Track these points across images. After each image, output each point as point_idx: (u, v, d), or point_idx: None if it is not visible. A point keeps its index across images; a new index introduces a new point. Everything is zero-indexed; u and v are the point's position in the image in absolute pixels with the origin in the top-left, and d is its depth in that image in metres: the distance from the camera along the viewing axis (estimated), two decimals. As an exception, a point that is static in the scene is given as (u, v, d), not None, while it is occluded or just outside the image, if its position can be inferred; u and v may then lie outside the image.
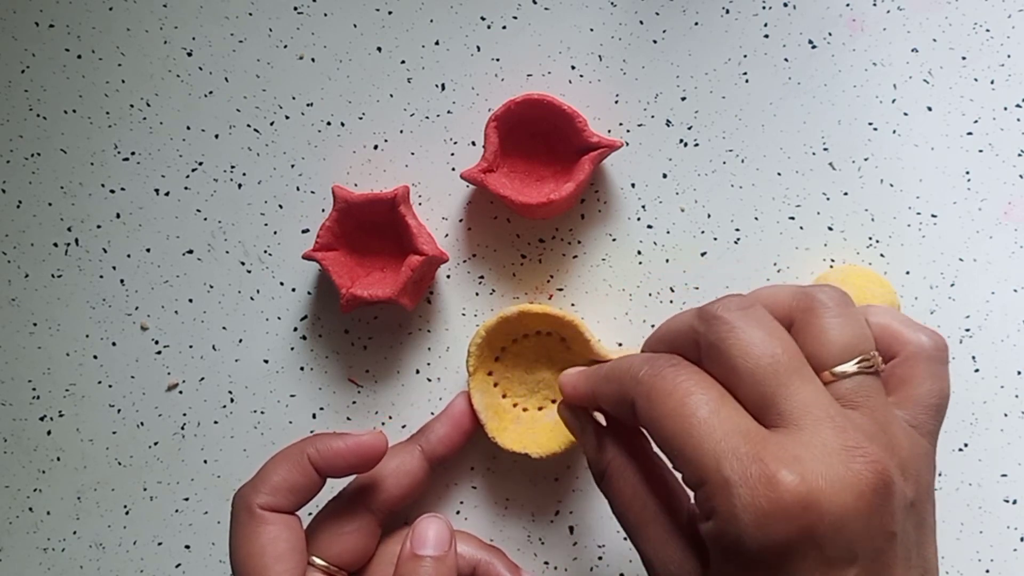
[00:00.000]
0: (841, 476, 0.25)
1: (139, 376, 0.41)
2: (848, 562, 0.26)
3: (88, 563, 0.41)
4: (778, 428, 0.27)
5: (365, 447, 0.35)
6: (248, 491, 0.34)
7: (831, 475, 0.25)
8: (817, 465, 0.25)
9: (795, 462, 0.25)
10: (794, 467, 0.25)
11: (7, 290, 0.42)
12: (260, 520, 0.33)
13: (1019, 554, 0.38)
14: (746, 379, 0.27)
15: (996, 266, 0.39)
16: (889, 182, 0.40)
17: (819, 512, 0.25)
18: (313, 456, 0.34)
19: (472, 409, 0.38)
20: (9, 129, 0.42)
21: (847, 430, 0.26)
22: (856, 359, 0.28)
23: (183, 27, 0.42)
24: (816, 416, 0.26)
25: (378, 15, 0.41)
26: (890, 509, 0.26)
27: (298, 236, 0.41)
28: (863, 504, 0.26)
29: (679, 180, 0.40)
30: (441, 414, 0.38)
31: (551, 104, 0.38)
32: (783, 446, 0.26)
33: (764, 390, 0.27)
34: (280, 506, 0.34)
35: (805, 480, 0.25)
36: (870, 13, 0.40)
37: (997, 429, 0.39)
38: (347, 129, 0.41)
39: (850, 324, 0.28)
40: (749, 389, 0.27)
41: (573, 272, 0.40)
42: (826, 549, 0.25)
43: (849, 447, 0.26)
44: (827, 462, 0.26)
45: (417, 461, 0.37)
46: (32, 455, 0.41)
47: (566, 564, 0.39)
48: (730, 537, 0.26)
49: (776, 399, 0.27)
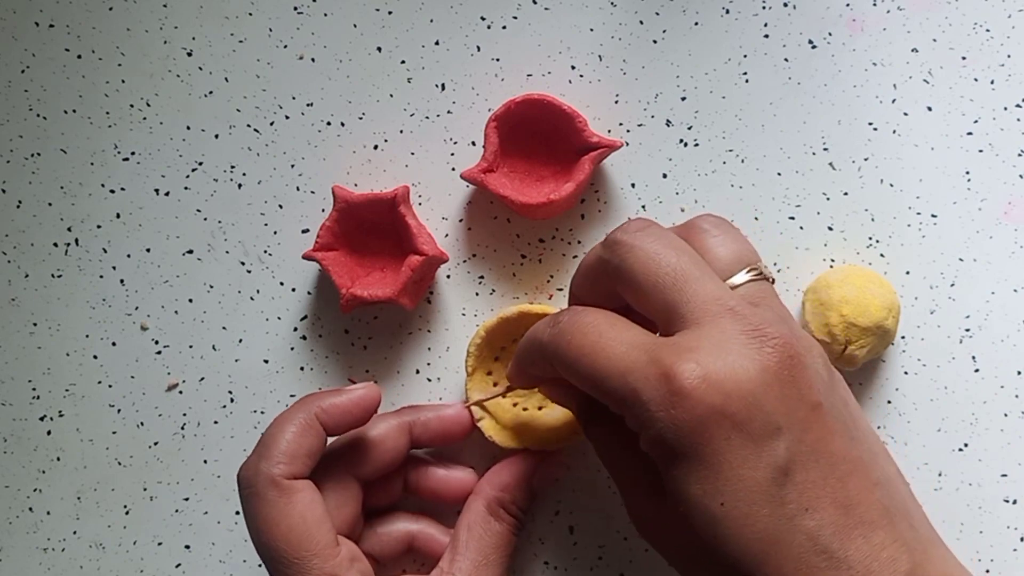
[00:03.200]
0: (740, 355, 0.27)
1: (139, 376, 0.41)
2: (773, 434, 0.26)
3: (88, 563, 0.41)
4: (681, 331, 0.28)
5: (367, 400, 0.34)
6: (262, 463, 0.33)
7: (729, 357, 0.27)
8: (714, 351, 0.27)
9: (690, 353, 0.27)
10: (689, 357, 0.27)
11: (7, 290, 0.42)
12: (289, 491, 0.32)
13: (1019, 554, 0.38)
14: (650, 292, 0.29)
15: (996, 266, 0.39)
16: (889, 182, 0.40)
17: (723, 391, 0.26)
18: (320, 415, 0.34)
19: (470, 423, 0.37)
20: (9, 129, 0.42)
21: (747, 317, 0.28)
22: (745, 269, 0.30)
23: (183, 27, 0.42)
24: (715, 311, 0.28)
25: (378, 15, 0.41)
26: (806, 380, 0.27)
27: (298, 236, 0.41)
28: (770, 377, 0.27)
29: (679, 180, 0.40)
30: (439, 408, 0.38)
31: (551, 104, 0.38)
32: (679, 344, 0.27)
33: (667, 297, 0.29)
34: (299, 472, 0.33)
35: (701, 365, 0.26)
36: (870, 13, 0.40)
37: (997, 429, 0.39)
38: (347, 129, 0.41)
39: (731, 242, 0.31)
40: (655, 300, 0.29)
41: (573, 272, 0.40)
42: (745, 426, 0.26)
43: (748, 331, 0.27)
44: (725, 347, 0.27)
45: (403, 440, 0.36)
46: (32, 455, 0.41)
47: (566, 564, 0.39)
48: (655, 440, 0.27)
49: (677, 304, 0.28)
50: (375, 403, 0.35)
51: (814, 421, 0.27)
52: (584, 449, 0.39)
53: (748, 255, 0.31)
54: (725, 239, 0.31)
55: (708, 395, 0.26)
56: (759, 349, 0.27)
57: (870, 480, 0.28)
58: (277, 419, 0.34)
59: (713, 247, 0.30)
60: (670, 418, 0.26)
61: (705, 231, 0.31)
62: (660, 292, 0.29)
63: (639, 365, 0.27)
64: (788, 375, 0.27)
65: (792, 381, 0.27)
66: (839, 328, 0.36)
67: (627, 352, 0.28)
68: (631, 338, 0.29)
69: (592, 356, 0.29)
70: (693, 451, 0.26)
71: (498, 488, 0.36)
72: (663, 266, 0.29)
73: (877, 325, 0.36)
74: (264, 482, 0.32)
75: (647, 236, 0.30)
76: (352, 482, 0.35)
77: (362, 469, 0.36)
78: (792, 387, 0.27)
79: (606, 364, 0.28)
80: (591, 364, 0.28)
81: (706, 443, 0.26)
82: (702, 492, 0.26)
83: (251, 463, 0.33)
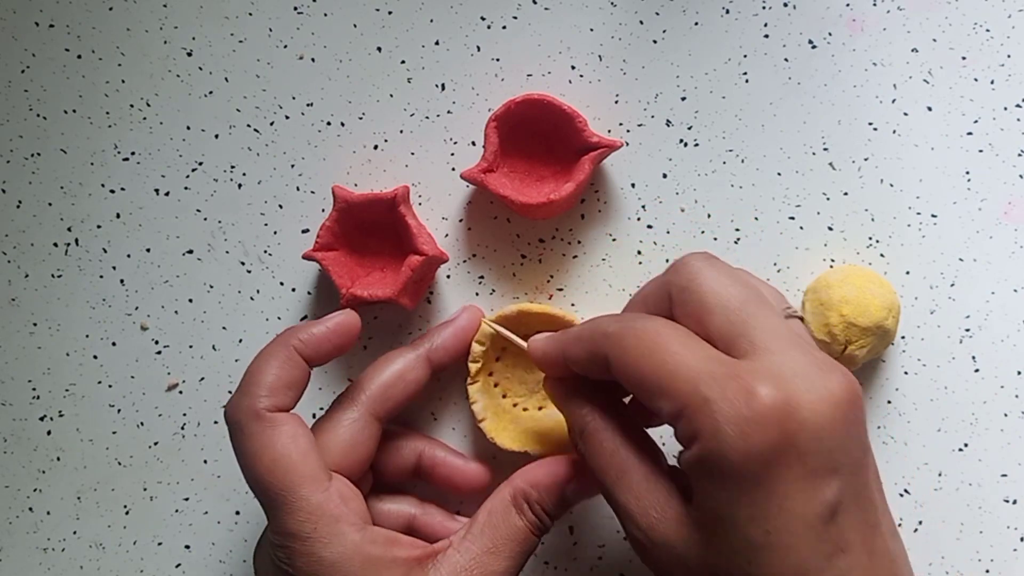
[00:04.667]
0: (817, 388, 0.27)
1: (139, 376, 0.41)
2: (830, 473, 0.26)
3: (88, 563, 0.41)
4: (749, 355, 0.28)
5: (346, 326, 0.34)
6: (245, 399, 0.32)
7: (807, 387, 0.27)
8: (793, 378, 0.27)
9: (771, 377, 0.27)
10: (770, 381, 0.26)
11: (7, 290, 0.42)
12: (272, 422, 0.32)
13: (1019, 554, 0.38)
14: (717, 312, 0.29)
15: (996, 266, 0.39)
16: (889, 182, 0.40)
17: (799, 420, 0.26)
18: (299, 347, 0.33)
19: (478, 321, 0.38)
20: (9, 129, 0.42)
21: (814, 352, 0.28)
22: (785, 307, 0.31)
23: (183, 27, 0.42)
24: (785, 340, 0.28)
25: (378, 15, 0.41)
26: (863, 423, 0.28)
27: (298, 236, 0.41)
28: (840, 414, 0.27)
29: (679, 180, 0.40)
30: (448, 324, 0.38)
31: (551, 104, 0.38)
32: (758, 366, 0.27)
33: (735, 318, 0.29)
34: (283, 405, 0.33)
35: (783, 391, 0.26)
36: (870, 13, 0.40)
37: (997, 429, 0.39)
38: (347, 129, 0.41)
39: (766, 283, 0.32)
40: (721, 321, 0.29)
41: (573, 272, 0.40)
42: (808, 459, 0.26)
43: (820, 365, 0.27)
44: (803, 375, 0.27)
45: (422, 370, 0.36)
46: (32, 455, 0.41)
47: (566, 564, 0.39)
48: (714, 455, 0.26)
49: (747, 327, 0.28)
50: (354, 329, 0.34)
51: (864, 464, 0.28)
52: (584, 449, 0.39)
53: (782, 297, 0.31)
54: (760, 282, 0.32)
55: (784, 422, 0.26)
56: (832, 384, 0.27)
57: (888, 530, 0.28)
58: (257, 355, 0.33)
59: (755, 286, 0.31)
60: (741, 436, 0.26)
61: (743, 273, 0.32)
62: (728, 314, 0.29)
63: (716, 377, 0.27)
64: (853, 415, 0.27)
65: (855, 421, 0.27)
66: (839, 328, 0.36)
67: (703, 361, 0.28)
68: (706, 350, 0.28)
69: (662, 355, 0.28)
70: (752, 474, 0.26)
71: (528, 483, 0.35)
72: (732, 289, 0.29)
73: (877, 325, 0.36)
74: (246, 416, 0.32)
75: (714, 263, 0.31)
76: (370, 422, 0.35)
77: (381, 407, 0.35)
78: (854, 427, 0.27)
79: (676, 368, 0.28)
80: (659, 363, 0.28)
81: (769, 469, 0.26)
82: (749, 517, 0.26)
83: (234, 399, 0.33)
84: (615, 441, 0.31)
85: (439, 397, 0.40)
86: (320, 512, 0.31)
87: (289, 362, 0.33)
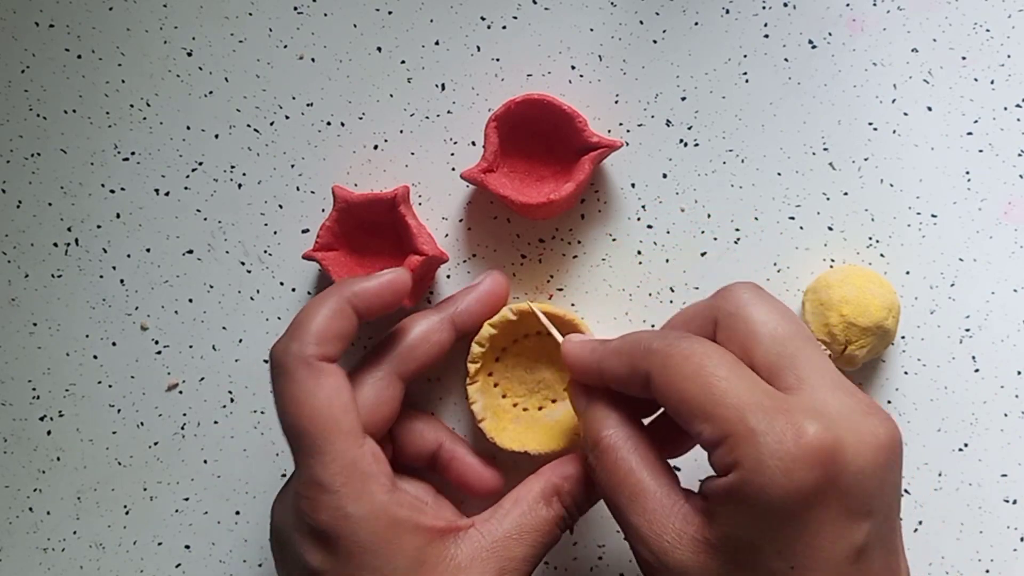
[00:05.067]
0: (862, 431, 0.27)
1: (139, 376, 0.41)
2: (865, 516, 0.26)
3: (88, 563, 0.41)
4: (795, 390, 0.28)
5: (397, 284, 0.34)
6: (294, 344, 0.32)
7: (852, 429, 0.27)
8: (840, 419, 0.27)
9: (819, 416, 0.26)
10: (819, 419, 0.26)
11: (7, 290, 0.42)
12: (319, 371, 0.32)
13: (1019, 554, 0.38)
14: (765, 342, 0.29)
15: (996, 266, 0.39)
16: (889, 182, 0.40)
17: (844, 462, 0.26)
18: (352, 299, 0.33)
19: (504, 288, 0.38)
20: (9, 129, 0.42)
21: (858, 394, 0.28)
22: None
23: (183, 27, 0.42)
24: (832, 379, 0.28)
25: (378, 15, 0.41)
26: (900, 469, 0.28)
27: (298, 236, 0.41)
28: (882, 459, 0.27)
29: (679, 180, 0.40)
30: (473, 288, 0.38)
31: (551, 104, 0.38)
32: (806, 403, 0.27)
33: (783, 351, 0.28)
34: (331, 355, 0.32)
35: (830, 431, 0.26)
36: (870, 13, 0.40)
37: (997, 429, 0.39)
38: (347, 129, 0.41)
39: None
40: (767, 352, 0.29)
41: (573, 272, 0.40)
42: (847, 501, 0.26)
43: (864, 407, 0.27)
44: (848, 417, 0.27)
45: (447, 333, 0.36)
46: (32, 455, 0.41)
47: (566, 564, 0.39)
48: (754, 487, 0.26)
49: (795, 361, 0.28)
50: (405, 286, 0.34)
51: (894, 509, 0.28)
52: (584, 449, 0.39)
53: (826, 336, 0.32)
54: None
55: (829, 463, 0.26)
56: (875, 428, 0.27)
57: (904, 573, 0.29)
58: (310, 302, 0.33)
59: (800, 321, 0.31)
60: (785, 472, 0.26)
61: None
62: (776, 345, 0.29)
63: (765, 409, 0.27)
64: (893, 461, 0.27)
65: (894, 466, 0.27)
66: (839, 328, 0.36)
67: (751, 391, 0.27)
68: (754, 380, 0.28)
69: (709, 379, 0.28)
70: (789, 511, 0.26)
71: (560, 475, 0.34)
72: (781, 322, 0.29)
73: (877, 325, 0.36)
74: (294, 361, 0.32)
75: (762, 294, 0.30)
76: (394, 381, 0.35)
77: (406, 367, 0.35)
78: (892, 472, 0.27)
79: (723, 394, 0.27)
80: (705, 386, 0.28)
81: (807, 508, 0.26)
82: (776, 551, 0.26)
83: (282, 342, 0.32)
84: (633, 460, 0.30)
85: (439, 397, 0.40)
86: (353, 467, 0.31)
87: (340, 312, 0.33)
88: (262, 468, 0.40)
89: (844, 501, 0.26)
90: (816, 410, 0.27)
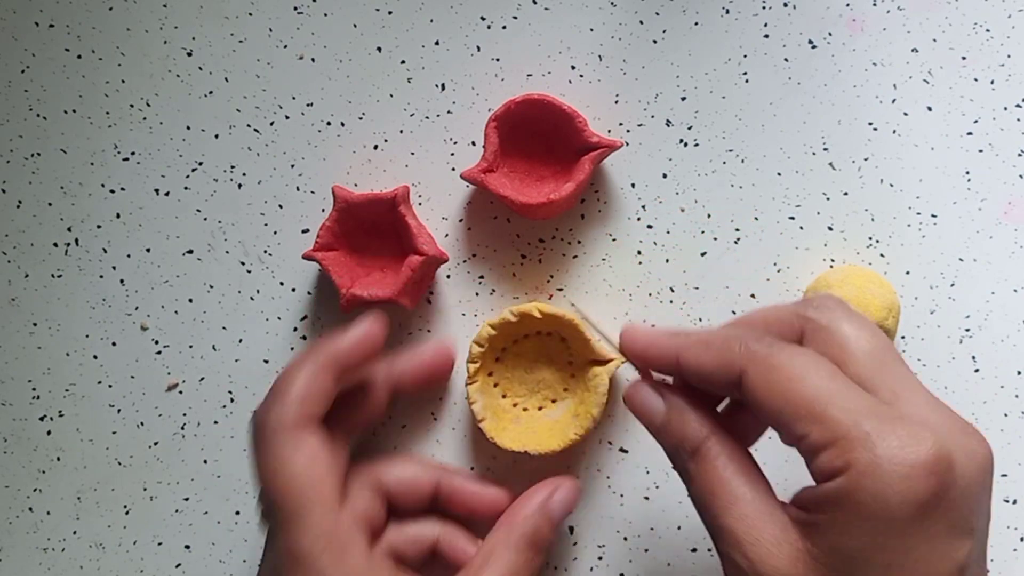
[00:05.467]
0: (967, 447, 0.27)
1: (139, 376, 0.41)
2: (967, 534, 0.26)
3: (88, 563, 0.41)
4: (894, 405, 0.27)
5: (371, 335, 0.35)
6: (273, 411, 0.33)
7: (960, 443, 0.27)
8: (948, 434, 0.27)
9: (931, 428, 0.26)
10: (932, 431, 0.26)
11: (7, 290, 0.42)
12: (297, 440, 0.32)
13: (1019, 554, 0.38)
14: (860, 358, 0.28)
15: (996, 266, 0.39)
16: (889, 182, 0.40)
17: (954, 476, 0.26)
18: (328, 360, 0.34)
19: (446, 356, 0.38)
20: (9, 129, 0.42)
21: (955, 413, 0.28)
22: None
23: (183, 27, 0.42)
24: (927, 396, 0.28)
25: (378, 15, 0.41)
26: (991, 490, 0.28)
27: (298, 236, 0.41)
28: (983, 477, 0.27)
29: (679, 180, 0.40)
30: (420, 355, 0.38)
31: (551, 104, 0.38)
32: (916, 415, 0.27)
33: (877, 367, 0.28)
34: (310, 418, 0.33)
35: (944, 443, 0.26)
36: (870, 13, 0.40)
37: (997, 429, 0.39)
38: (347, 129, 0.41)
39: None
40: (861, 367, 0.28)
41: (573, 272, 0.40)
42: (952, 516, 0.26)
43: (963, 425, 0.27)
44: (952, 432, 0.27)
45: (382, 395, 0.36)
46: (32, 455, 0.41)
47: (566, 564, 0.39)
48: (867, 491, 0.26)
49: (891, 376, 0.28)
50: (379, 336, 0.34)
51: (985, 532, 0.28)
52: (584, 449, 0.39)
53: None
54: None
55: (944, 474, 0.26)
56: (978, 446, 0.27)
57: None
58: (288, 366, 0.34)
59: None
60: (904, 477, 0.25)
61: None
62: (871, 360, 0.28)
63: (880, 416, 0.26)
64: (989, 481, 0.27)
65: (989, 488, 0.27)
66: (839, 328, 0.36)
67: (860, 399, 0.27)
68: (860, 391, 0.28)
69: (816, 382, 0.27)
70: (901, 520, 0.26)
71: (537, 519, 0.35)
72: (872, 338, 0.29)
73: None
74: (272, 429, 0.32)
75: (850, 309, 0.30)
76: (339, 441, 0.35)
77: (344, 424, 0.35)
78: (987, 494, 0.27)
79: (832, 397, 0.27)
80: (814, 388, 0.27)
81: (920, 519, 0.26)
82: (885, 563, 0.26)
83: (262, 408, 0.33)
84: (731, 468, 0.29)
85: (439, 397, 0.40)
86: (332, 536, 0.31)
87: (317, 375, 0.33)
88: (262, 468, 0.40)
89: (951, 517, 0.26)
90: (926, 422, 0.27)
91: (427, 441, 0.40)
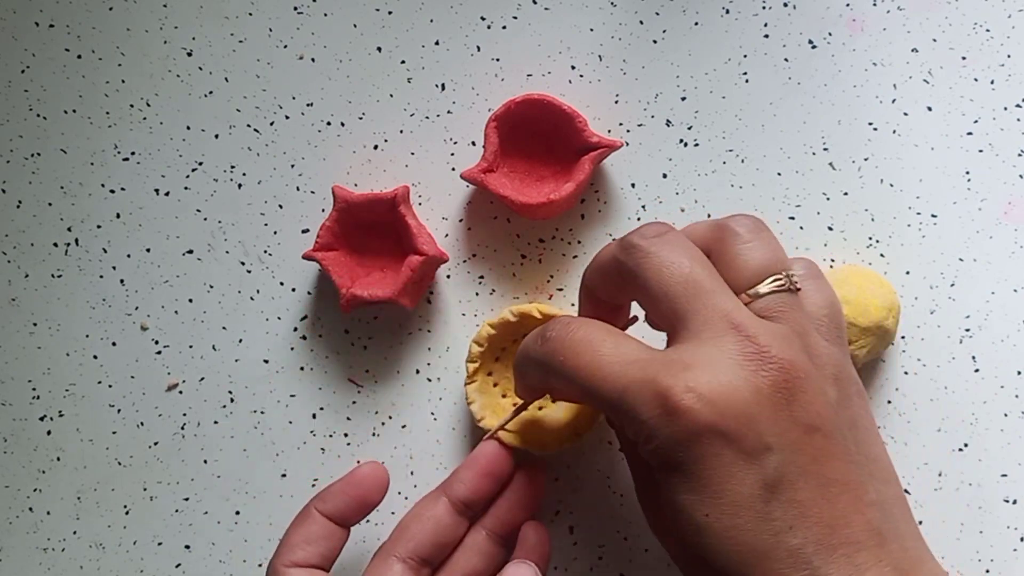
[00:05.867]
0: (735, 376, 0.27)
1: (139, 376, 0.41)
2: (763, 452, 0.27)
3: (88, 563, 0.41)
4: (684, 344, 0.28)
5: (360, 477, 0.35)
6: (274, 560, 0.35)
7: (724, 377, 0.27)
8: (709, 369, 0.27)
9: (685, 371, 0.27)
10: (684, 376, 0.27)
11: (7, 290, 0.42)
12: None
13: (1019, 554, 0.38)
14: (661, 300, 0.29)
15: (996, 266, 0.39)
16: (889, 182, 0.40)
17: (717, 409, 0.27)
18: (318, 504, 0.35)
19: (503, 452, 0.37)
20: (9, 129, 0.42)
21: (751, 337, 0.28)
22: (770, 279, 0.30)
23: (183, 27, 0.42)
24: (720, 328, 0.28)
25: (378, 15, 0.41)
26: (802, 403, 0.28)
27: (298, 236, 0.41)
28: (763, 398, 0.27)
29: (679, 180, 0.40)
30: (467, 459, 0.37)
31: (551, 104, 0.38)
32: (675, 361, 0.28)
33: (676, 307, 0.29)
34: (303, 561, 0.34)
35: (696, 384, 0.27)
36: (870, 13, 0.40)
37: (997, 429, 0.39)
38: (347, 129, 0.41)
39: (762, 248, 0.30)
40: (664, 309, 0.29)
41: (573, 272, 0.40)
42: (737, 442, 0.27)
43: (748, 353, 0.28)
44: (720, 366, 0.27)
45: (442, 507, 0.36)
46: (32, 455, 0.41)
47: (566, 564, 0.39)
48: (652, 451, 0.28)
49: (685, 316, 0.29)
50: (373, 477, 0.35)
51: (807, 443, 0.28)
52: (584, 449, 0.39)
53: (776, 263, 0.30)
54: (755, 244, 0.30)
55: (702, 413, 0.27)
56: (755, 371, 0.28)
57: (863, 501, 0.28)
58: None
59: (741, 253, 0.30)
60: (666, 433, 0.27)
61: (736, 235, 0.30)
62: (670, 302, 0.29)
63: (635, 384, 0.28)
64: (781, 398, 0.28)
65: (785, 404, 0.28)
66: (839, 328, 0.36)
67: (623, 370, 0.29)
68: (625, 354, 0.29)
69: (588, 373, 0.29)
70: (685, 464, 0.27)
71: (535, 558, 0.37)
72: (676, 275, 0.29)
73: (877, 325, 0.36)
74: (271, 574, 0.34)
75: (664, 243, 0.30)
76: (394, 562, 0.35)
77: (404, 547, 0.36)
78: (785, 410, 0.27)
79: (602, 383, 0.29)
80: (587, 381, 0.29)
81: (698, 457, 0.27)
82: (690, 502, 0.27)
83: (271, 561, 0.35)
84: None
85: (439, 397, 0.40)
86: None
87: (306, 520, 0.35)
88: (262, 468, 0.40)
89: (734, 443, 0.27)
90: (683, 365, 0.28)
91: (427, 441, 0.40)
